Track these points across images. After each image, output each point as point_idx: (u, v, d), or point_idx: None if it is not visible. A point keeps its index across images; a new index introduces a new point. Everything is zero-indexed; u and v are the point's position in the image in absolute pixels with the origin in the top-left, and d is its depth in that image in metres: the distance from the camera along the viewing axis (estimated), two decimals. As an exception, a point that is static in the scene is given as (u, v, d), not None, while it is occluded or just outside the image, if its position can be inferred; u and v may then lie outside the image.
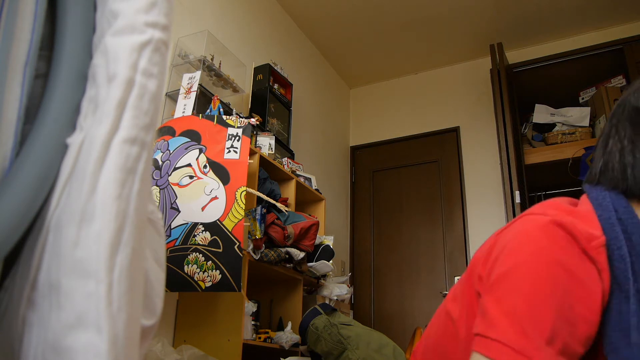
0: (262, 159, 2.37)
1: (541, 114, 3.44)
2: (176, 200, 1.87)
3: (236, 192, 1.85)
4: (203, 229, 1.82)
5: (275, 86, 2.96)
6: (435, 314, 0.89)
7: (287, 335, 2.22)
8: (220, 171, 1.89)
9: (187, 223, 1.84)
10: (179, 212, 1.85)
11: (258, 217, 2.09)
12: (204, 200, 1.86)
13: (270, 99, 2.82)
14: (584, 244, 0.61)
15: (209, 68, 2.44)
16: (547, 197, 3.59)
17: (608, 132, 0.75)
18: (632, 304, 0.61)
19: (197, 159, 1.92)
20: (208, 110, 2.19)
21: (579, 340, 0.60)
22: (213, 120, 2.00)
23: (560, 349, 0.58)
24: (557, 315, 0.59)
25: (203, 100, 2.28)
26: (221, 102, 2.25)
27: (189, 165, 1.91)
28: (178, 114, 2.15)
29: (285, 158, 2.75)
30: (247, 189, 1.90)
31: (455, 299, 0.82)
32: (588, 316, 0.60)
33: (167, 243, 1.83)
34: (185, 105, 2.16)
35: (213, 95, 2.29)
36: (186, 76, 2.27)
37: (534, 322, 0.58)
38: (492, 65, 3.24)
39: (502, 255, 0.65)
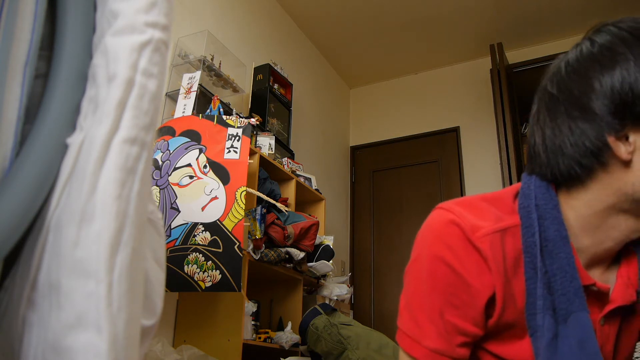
0: (262, 159, 2.37)
1: (541, 114, 3.44)
2: (176, 200, 1.87)
3: (236, 192, 1.85)
4: (203, 229, 1.82)
5: (275, 86, 2.96)
6: None
7: (287, 335, 2.22)
8: (220, 171, 1.89)
9: (187, 223, 1.84)
10: (179, 212, 1.85)
11: (258, 217, 2.09)
12: (204, 200, 1.86)
13: (270, 99, 2.82)
14: (469, 235, 0.68)
15: (209, 68, 2.44)
16: (547, 197, 3.58)
17: (532, 119, 0.77)
18: (539, 288, 0.64)
19: (197, 159, 1.92)
20: (208, 110, 2.19)
21: (469, 320, 0.68)
22: (213, 120, 2.00)
23: (450, 330, 0.68)
24: (442, 303, 0.68)
25: (203, 100, 2.28)
26: (221, 102, 2.25)
27: (189, 165, 1.91)
28: (178, 114, 2.15)
29: (285, 158, 2.75)
30: (247, 189, 1.90)
31: None
32: (470, 301, 0.67)
33: (167, 243, 1.83)
34: (185, 105, 2.16)
35: (213, 95, 2.29)
36: (186, 76, 2.27)
37: (423, 311, 0.69)
38: (492, 65, 3.24)
39: (413, 248, 0.75)
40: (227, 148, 1.94)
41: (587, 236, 0.68)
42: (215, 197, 1.86)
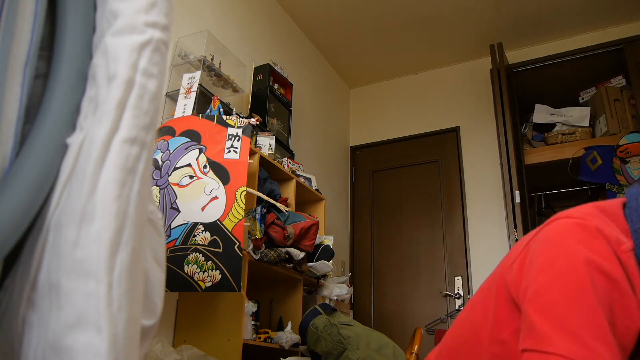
0: (262, 159, 2.37)
1: (541, 114, 3.44)
2: (176, 200, 1.87)
3: (236, 192, 1.85)
4: (203, 229, 1.82)
5: (275, 86, 2.96)
6: (454, 323, 0.90)
7: (287, 335, 2.22)
8: (220, 171, 1.89)
9: (187, 223, 1.84)
10: (179, 212, 1.85)
11: (258, 217, 2.09)
12: (204, 200, 1.86)
13: (270, 99, 2.82)
14: (615, 247, 0.61)
15: (209, 68, 2.44)
16: (547, 197, 3.59)
17: None
18: None
19: (197, 159, 1.92)
20: (208, 110, 2.19)
21: (629, 334, 0.60)
22: (213, 120, 2.00)
23: (614, 344, 0.58)
24: (603, 315, 0.58)
25: (203, 100, 2.28)
26: (221, 102, 2.25)
27: (189, 165, 1.91)
28: (178, 114, 2.15)
29: (285, 158, 2.75)
30: (247, 189, 1.90)
31: (474, 309, 0.83)
32: (627, 316, 0.60)
33: (167, 243, 1.83)
34: (185, 105, 2.16)
35: (213, 95, 2.29)
36: (186, 76, 2.27)
37: (589, 330, 0.57)
38: (492, 65, 3.24)
39: (539, 262, 0.65)
40: (227, 148, 1.94)
41: None
42: (215, 197, 1.86)
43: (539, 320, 0.60)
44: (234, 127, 1.99)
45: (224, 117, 2.02)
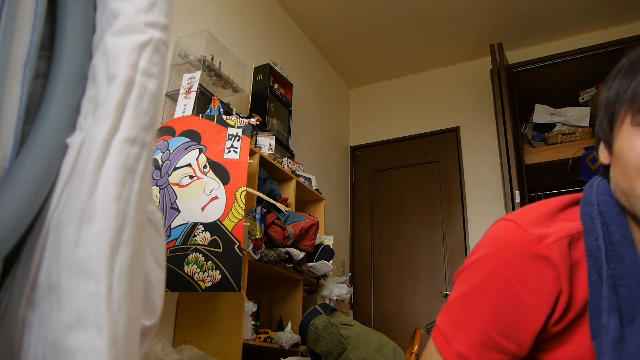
0: (262, 159, 2.37)
1: (541, 114, 3.44)
2: (176, 200, 1.87)
3: (236, 192, 1.85)
4: (203, 229, 1.82)
5: (275, 86, 2.96)
6: None
7: (287, 335, 2.22)
8: (220, 171, 1.89)
9: (187, 223, 1.84)
10: (179, 212, 1.85)
11: (258, 217, 2.09)
12: (204, 200, 1.86)
13: (270, 99, 2.82)
14: (535, 245, 0.68)
15: (209, 68, 2.44)
16: (547, 197, 3.58)
17: None
18: (604, 289, 0.65)
19: (197, 159, 1.92)
20: (208, 110, 2.19)
21: (512, 339, 0.68)
22: (213, 120, 2.00)
23: (488, 344, 0.68)
24: (489, 317, 0.68)
25: (203, 100, 2.28)
26: (221, 102, 2.25)
27: (189, 165, 1.91)
28: (178, 114, 2.15)
29: (285, 158, 2.75)
30: (247, 189, 1.90)
31: None
32: (522, 320, 0.67)
33: (167, 243, 1.83)
34: (185, 105, 2.16)
35: (213, 95, 2.29)
36: (186, 76, 2.27)
37: (465, 317, 0.70)
38: (492, 65, 3.24)
39: (470, 254, 0.76)
40: (227, 148, 1.94)
41: None
42: (215, 197, 1.86)
43: (449, 297, 0.76)
44: (234, 127, 1.99)
45: (224, 117, 2.02)
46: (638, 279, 0.64)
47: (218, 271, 1.77)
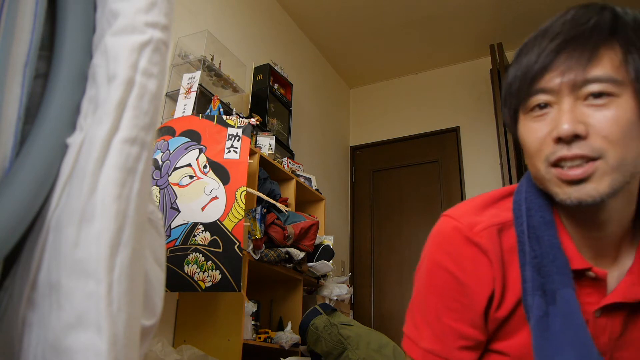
0: (262, 159, 2.37)
1: (541, 114, 3.44)
2: (176, 200, 1.87)
3: (236, 192, 1.85)
4: (203, 229, 1.82)
5: (275, 86, 2.96)
6: None
7: (287, 335, 2.22)
8: (220, 171, 1.89)
9: (187, 223, 1.84)
10: (179, 212, 1.85)
11: (258, 217, 2.09)
12: (204, 200, 1.86)
13: (270, 99, 2.82)
14: (467, 233, 0.72)
15: (209, 68, 2.44)
16: (547, 197, 3.59)
17: None
18: (528, 271, 0.68)
19: (197, 159, 1.92)
20: (208, 110, 2.19)
21: (467, 323, 0.71)
22: (213, 120, 2.00)
23: (447, 332, 0.71)
24: (440, 307, 0.73)
25: (203, 100, 2.28)
26: (221, 102, 2.25)
27: (189, 165, 1.91)
28: (178, 114, 2.15)
29: (285, 158, 2.75)
30: (247, 189, 1.90)
31: None
32: (469, 303, 0.71)
33: (167, 243, 1.83)
34: (185, 105, 2.16)
35: (213, 95, 2.29)
36: (186, 76, 2.27)
37: (422, 314, 0.75)
38: (492, 65, 3.24)
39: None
40: (227, 148, 1.94)
41: (574, 226, 0.71)
42: (215, 197, 1.86)
43: (406, 312, 0.80)
44: (234, 127, 1.99)
45: (224, 117, 2.02)
46: (553, 257, 0.67)
47: (218, 271, 1.77)
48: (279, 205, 2.26)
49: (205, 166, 1.90)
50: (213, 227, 1.82)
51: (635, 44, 0.62)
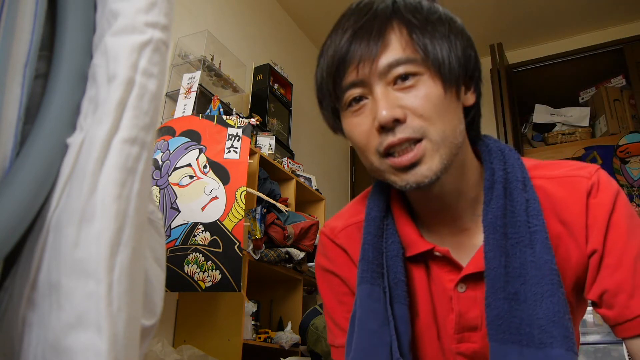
0: (262, 159, 2.37)
1: (541, 114, 3.44)
2: (176, 200, 1.87)
3: (236, 192, 1.85)
4: (203, 229, 1.82)
5: (275, 86, 2.96)
6: None
7: (287, 335, 2.22)
8: (220, 171, 1.89)
9: (187, 223, 1.84)
10: (179, 212, 1.85)
11: (258, 217, 2.09)
12: (204, 200, 1.86)
13: (270, 99, 2.82)
14: (330, 236, 0.80)
15: (209, 68, 2.44)
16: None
17: None
18: (358, 267, 0.73)
19: (197, 159, 1.92)
20: (208, 110, 2.19)
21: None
22: (213, 120, 2.00)
23: (347, 325, 0.73)
24: (335, 304, 0.79)
25: (203, 100, 2.28)
26: (221, 102, 2.25)
27: (189, 165, 1.91)
28: (178, 114, 2.15)
29: (285, 158, 2.75)
30: (247, 189, 1.90)
31: None
32: (352, 293, 0.76)
33: (167, 243, 1.83)
34: (185, 105, 2.16)
35: (213, 95, 2.29)
36: (186, 76, 2.27)
37: (329, 319, 0.80)
38: (492, 65, 3.24)
39: None
40: (227, 148, 1.94)
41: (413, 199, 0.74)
42: (215, 197, 1.86)
43: None
44: (234, 127, 1.99)
45: (224, 117, 2.02)
46: (364, 251, 0.72)
47: (218, 271, 1.77)
48: (279, 205, 2.26)
49: (205, 166, 1.90)
50: (213, 227, 1.82)
51: (415, 24, 0.64)
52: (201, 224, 1.83)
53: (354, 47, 0.64)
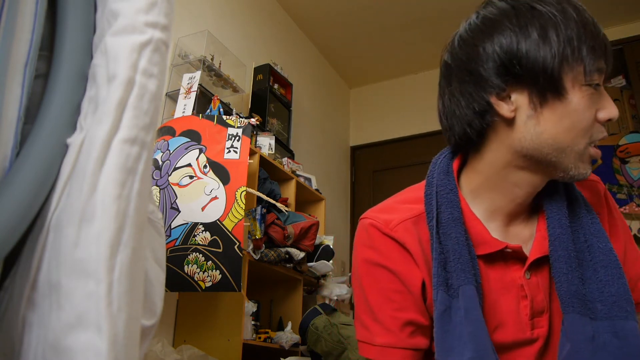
0: (262, 159, 2.37)
1: (541, 114, 3.43)
2: (176, 200, 1.87)
3: (236, 192, 1.85)
4: (203, 229, 1.82)
5: (275, 86, 2.96)
6: None
7: (287, 335, 2.22)
8: (220, 171, 1.89)
9: (187, 223, 1.84)
10: (179, 212, 1.85)
11: (258, 217, 2.09)
12: (204, 200, 1.86)
13: (270, 99, 2.82)
14: (384, 230, 0.76)
15: (209, 68, 2.44)
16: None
17: (438, 92, 0.83)
18: (434, 266, 0.72)
19: (197, 159, 1.92)
20: (208, 110, 2.19)
21: (410, 309, 0.74)
22: (213, 120, 2.00)
23: (395, 323, 0.73)
24: (381, 300, 0.74)
25: (203, 100, 2.28)
26: (221, 102, 2.25)
27: (189, 165, 1.91)
28: (178, 114, 2.15)
29: (285, 158, 2.75)
30: (247, 189, 1.90)
31: None
32: (405, 289, 0.74)
33: (167, 243, 1.83)
34: (185, 105, 2.16)
35: (213, 95, 2.29)
36: (186, 76, 2.27)
37: (367, 314, 0.76)
38: (492, 65, 3.23)
39: None
40: (227, 148, 1.94)
41: (500, 196, 0.75)
42: (215, 197, 1.86)
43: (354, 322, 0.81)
44: (234, 127, 1.99)
45: (224, 117, 2.02)
46: (459, 254, 0.71)
47: (218, 271, 1.77)
48: (279, 205, 2.26)
49: (205, 166, 1.90)
50: (213, 227, 1.82)
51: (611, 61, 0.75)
52: (201, 224, 1.83)
53: (607, 44, 0.71)
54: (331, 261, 2.61)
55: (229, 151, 1.93)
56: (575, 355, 0.67)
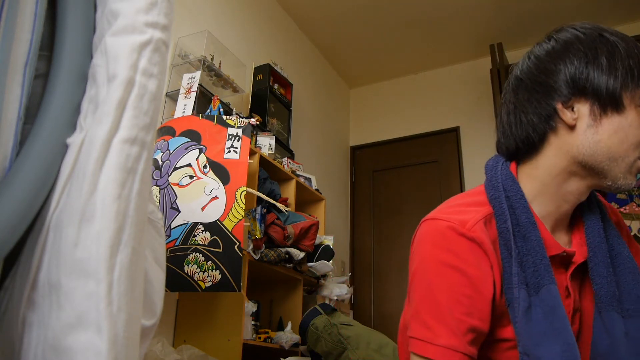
0: (262, 159, 2.37)
1: (541, 114, 3.43)
2: (176, 200, 1.87)
3: (236, 192, 1.85)
4: (203, 229, 1.82)
5: (275, 86, 2.96)
6: None
7: (287, 335, 2.22)
8: (220, 171, 1.89)
9: (187, 223, 1.84)
10: (179, 212, 1.85)
11: (258, 217, 2.09)
12: (204, 200, 1.85)
13: (270, 99, 2.82)
14: (461, 230, 0.78)
15: (209, 68, 2.44)
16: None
17: (501, 100, 0.91)
18: (514, 266, 0.76)
19: (197, 159, 1.92)
20: (208, 110, 2.19)
21: (476, 315, 0.75)
22: (213, 120, 2.00)
23: (461, 327, 0.74)
24: (450, 303, 0.75)
25: (203, 100, 2.28)
26: (221, 102, 2.25)
27: (189, 165, 1.91)
28: (178, 114, 2.15)
29: (285, 158, 2.75)
30: (247, 189, 1.90)
31: None
32: (476, 294, 0.76)
33: (167, 243, 1.82)
34: (185, 105, 2.16)
35: (213, 95, 2.29)
36: (186, 76, 2.27)
37: (432, 315, 0.76)
38: (492, 65, 3.24)
39: (409, 261, 0.85)
40: (227, 148, 1.94)
41: (551, 202, 0.83)
42: (215, 197, 1.86)
43: (407, 311, 0.83)
44: (234, 127, 1.99)
45: (224, 117, 2.02)
46: (541, 256, 0.77)
47: (218, 271, 1.77)
48: (279, 205, 2.26)
49: (205, 166, 1.90)
50: (213, 227, 1.82)
51: None
52: (201, 224, 1.83)
53: None
54: (331, 261, 2.61)
55: (229, 151, 1.93)
56: (615, 349, 0.75)
